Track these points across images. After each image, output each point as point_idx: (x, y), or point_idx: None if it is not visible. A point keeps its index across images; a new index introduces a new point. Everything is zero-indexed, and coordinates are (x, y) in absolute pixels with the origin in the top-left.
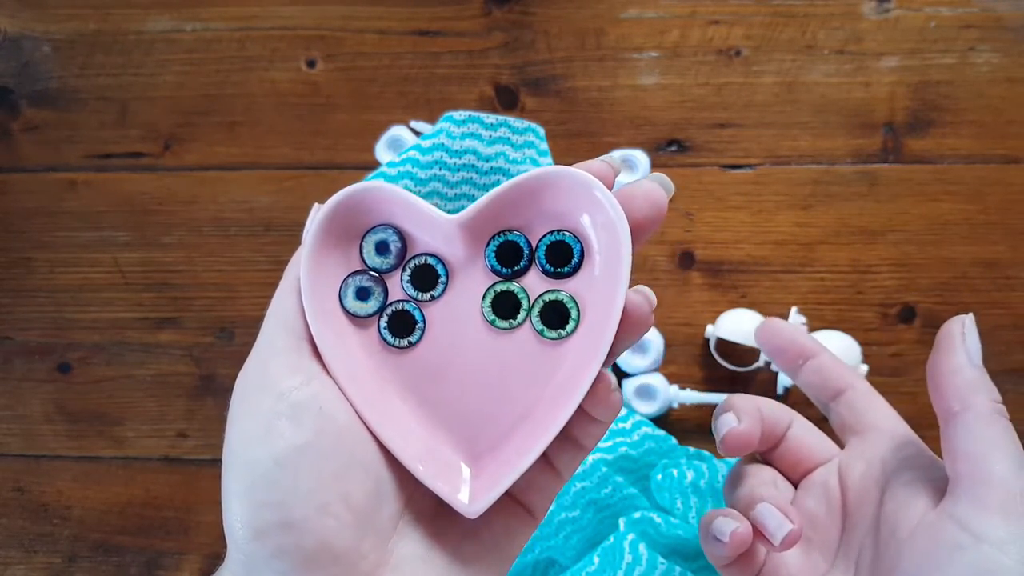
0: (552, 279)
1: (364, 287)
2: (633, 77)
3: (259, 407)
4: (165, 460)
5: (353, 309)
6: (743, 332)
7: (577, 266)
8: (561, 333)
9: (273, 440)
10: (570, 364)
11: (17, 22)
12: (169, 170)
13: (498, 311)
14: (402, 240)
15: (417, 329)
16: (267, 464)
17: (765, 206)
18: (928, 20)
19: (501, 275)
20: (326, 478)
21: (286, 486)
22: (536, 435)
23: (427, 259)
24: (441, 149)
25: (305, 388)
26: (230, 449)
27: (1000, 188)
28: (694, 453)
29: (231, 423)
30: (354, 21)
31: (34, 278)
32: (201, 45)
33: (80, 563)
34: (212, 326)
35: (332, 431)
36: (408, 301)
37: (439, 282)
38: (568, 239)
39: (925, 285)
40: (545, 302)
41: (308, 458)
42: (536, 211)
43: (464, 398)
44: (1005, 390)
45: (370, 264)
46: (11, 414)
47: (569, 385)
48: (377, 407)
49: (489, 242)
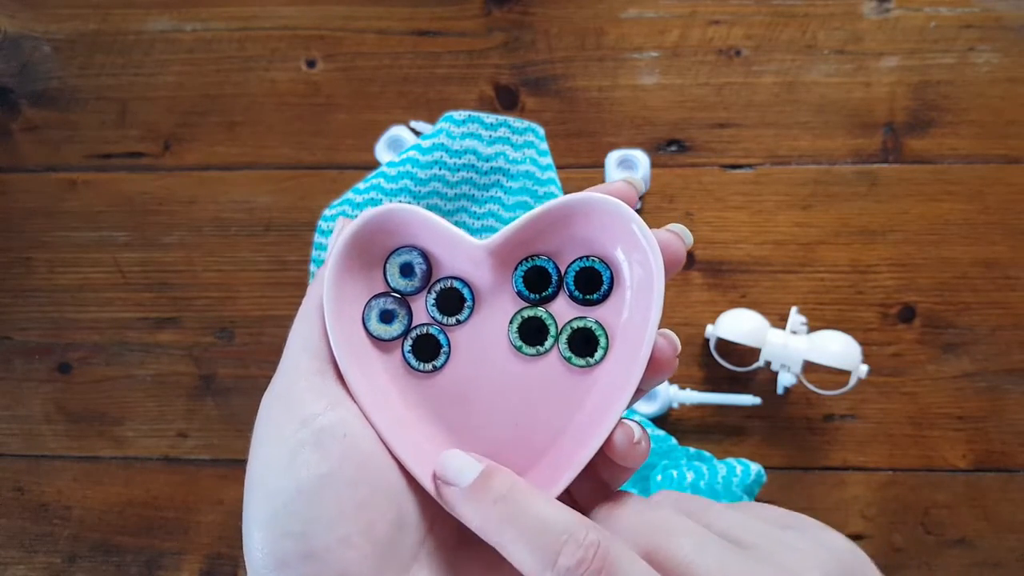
0: (580, 306)
1: (388, 310)
2: (633, 77)
3: (283, 433)
4: (165, 460)
5: (377, 332)
6: (743, 332)
7: (606, 293)
8: (589, 361)
9: (297, 469)
10: (599, 392)
11: (17, 22)
12: (169, 170)
13: (525, 337)
14: (427, 262)
15: (442, 353)
16: (290, 493)
17: (765, 206)
18: (928, 20)
19: (528, 300)
20: (349, 508)
21: (309, 516)
22: (564, 464)
23: (453, 282)
24: (441, 149)
25: (330, 413)
26: (253, 476)
27: (1000, 188)
28: (694, 453)
29: (254, 447)
30: (354, 21)
31: (34, 278)
32: (201, 45)
33: (80, 563)
34: (212, 326)
35: (356, 459)
36: (433, 325)
37: (465, 306)
38: (598, 266)
39: (925, 285)
40: (573, 329)
41: (332, 488)
42: (566, 237)
43: (490, 424)
44: (1005, 390)
45: (394, 286)
46: (11, 414)
47: (598, 414)
48: (401, 433)
49: (517, 267)
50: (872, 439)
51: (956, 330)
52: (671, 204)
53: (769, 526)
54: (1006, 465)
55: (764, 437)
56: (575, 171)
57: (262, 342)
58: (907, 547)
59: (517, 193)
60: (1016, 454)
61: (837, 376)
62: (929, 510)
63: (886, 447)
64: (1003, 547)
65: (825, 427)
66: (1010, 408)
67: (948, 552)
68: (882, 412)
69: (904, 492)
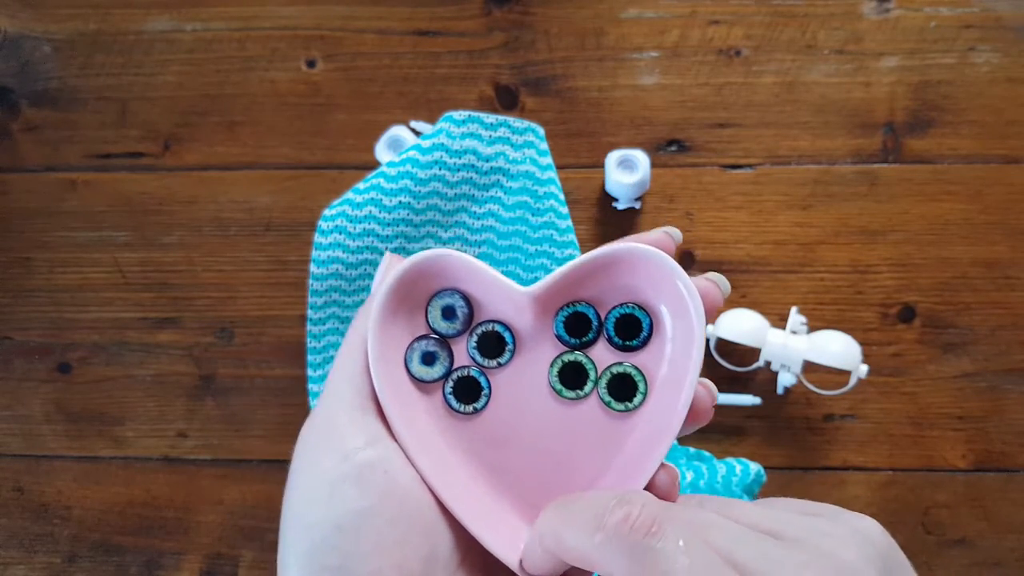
0: (620, 352)
1: (430, 352)
2: (633, 77)
3: (323, 466)
4: (165, 460)
5: (419, 374)
6: (743, 332)
7: (646, 340)
8: (628, 406)
9: (336, 504)
10: (637, 438)
11: (17, 22)
12: (169, 170)
13: (565, 381)
14: (469, 306)
15: (483, 395)
16: (329, 527)
17: (765, 206)
18: (928, 20)
19: (569, 345)
20: (387, 545)
21: (347, 551)
22: None
23: (494, 326)
24: (441, 149)
25: (370, 450)
26: (291, 507)
27: (1000, 188)
28: (694, 453)
29: (293, 478)
30: (354, 21)
31: (34, 278)
32: (201, 45)
33: (80, 563)
34: (212, 326)
35: (396, 496)
36: (474, 367)
37: (506, 349)
38: (638, 313)
39: (925, 285)
40: (613, 374)
41: (370, 523)
42: (608, 285)
43: (529, 466)
44: (1005, 390)
45: (436, 328)
46: (11, 414)
47: (637, 458)
48: (442, 472)
49: (558, 312)
50: (872, 439)
51: (956, 330)
52: (671, 204)
53: (799, 515)
54: (1006, 465)
55: (764, 437)
56: (575, 171)
57: (262, 342)
58: (907, 547)
59: (517, 193)
60: (1016, 454)
61: (837, 376)
62: (929, 510)
63: (886, 447)
64: (1003, 547)
65: (825, 427)
66: (1010, 408)
67: (948, 552)
68: (882, 412)
69: (904, 492)
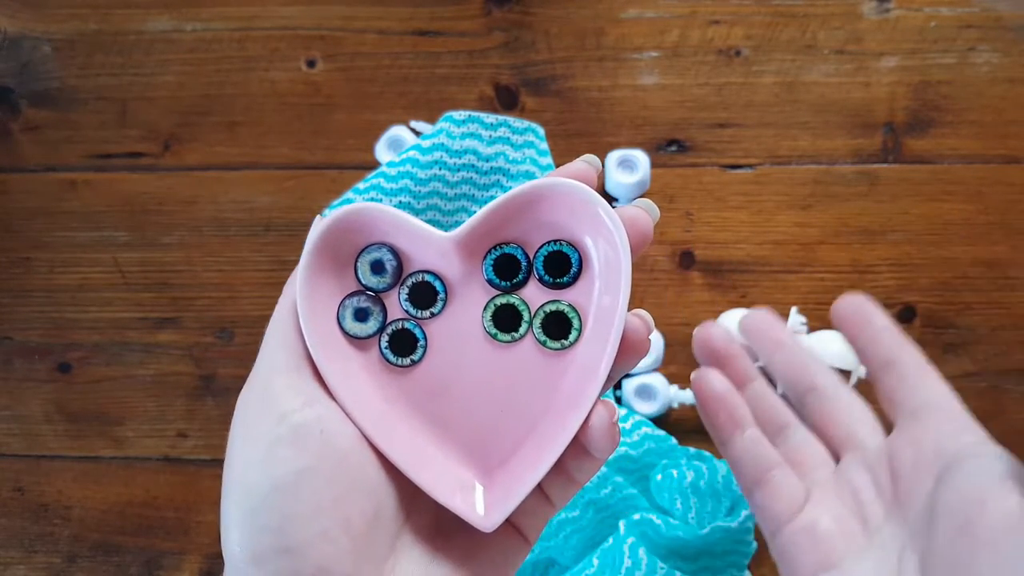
0: (551, 290)
1: (362, 308)
2: (633, 77)
3: (259, 429)
4: (165, 460)
5: (353, 331)
6: None
7: (576, 276)
8: (564, 343)
9: (273, 465)
10: (575, 374)
11: (17, 22)
12: (169, 170)
13: (499, 324)
14: (397, 258)
15: (419, 347)
16: (266, 489)
17: (765, 206)
18: (928, 20)
19: (500, 288)
20: (326, 504)
21: (285, 512)
22: (545, 447)
23: (424, 276)
24: (441, 149)
25: (307, 410)
26: (230, 472)
27: (1000, 188)
28: (694, 453)
29: (231, 444)
30: (354, 21)
31: (34, 278)
32: (201, 45)
33: (80, 563)
34: (212, 326)
35: (333, 456)
36: (408, 319)
37: (438, 299)
38: (566, 249)
39: (925, 285)
40: (546, 313)
41: (308, 483)
42: (532, 223)
43: (471, 414)
44: (1006, 390)
45: (366, 284)
46: (11, 414)
47: (575, 395)
48: (385, 428)
49: (486, 256)
50: None
51: (956, 330)
52: (671, 204)
53: None
54: None
55: None
56: None
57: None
58: None
59: None
60: (1017, 454)
61: None
62: None
63: None
64: None
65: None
66: (1011, 408)
67: None
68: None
69: None
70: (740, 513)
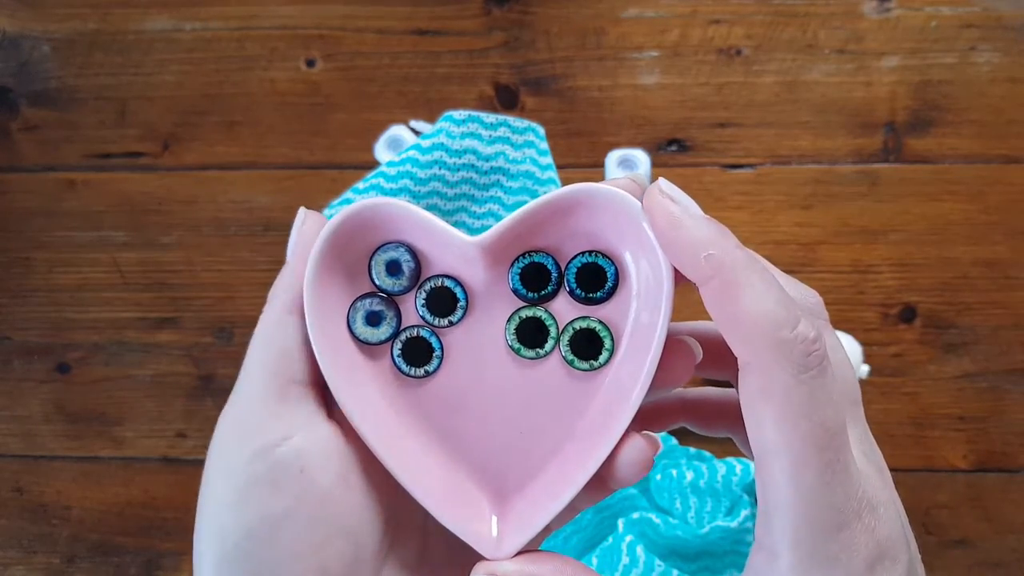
0: (583, 305)
1: (375, 311)
2: (633, 77)
3: (234, 464)
4: (164, 460)
5: (364, 336)
6: None
7: (611, 291)
8: (593, 364)
9: (248, 508)
10: (604, 398)
11: (17, 22)
12: (168, 170)
13: (523, 339)
14: (415, 260)
15: (435, 357)
16: (240, 535)
17: (765, 206)
18: (929, 20)
19: (526, 300)
20: (304, 550)
21: (261, 558)
22: (568, 475)
23: (444, 281)
24: (441, 149)
25: (287, 444)
26: (203, 508)
27: (1001, 188)
28: (694, 453)
29: (206, 476)
30: (354, 21)
31: (33, 278)
32: (200, 45)
33: (79, 563)
34: (211, 326)
35: (313, 496)
36: (424, 327)
37: (458, 306)
38: (601, 262)
39: (926, 285)
40: (576, 330)
41: (286, 528)
42: (566, 231)
43: (487, 433)
44: (1006, 390)
45: (380, 286)
46: (11, 414)
47: (603, 421)
48: (393, 443)
49: (513, 264)
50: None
51: (957, 330)
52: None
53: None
54: (1007, 465)
55: None
56: (575, 171)
57: None
58: None
59: (517, 193)
60: (1017, 454)
61: None
62: (930, 510)
63: (887, 447)
64: (1004, 547)
65: None
66: (1011, 408)
67: (949, 552)
68: (883, 412)
69: (905, 492)
70: (740, 513)
